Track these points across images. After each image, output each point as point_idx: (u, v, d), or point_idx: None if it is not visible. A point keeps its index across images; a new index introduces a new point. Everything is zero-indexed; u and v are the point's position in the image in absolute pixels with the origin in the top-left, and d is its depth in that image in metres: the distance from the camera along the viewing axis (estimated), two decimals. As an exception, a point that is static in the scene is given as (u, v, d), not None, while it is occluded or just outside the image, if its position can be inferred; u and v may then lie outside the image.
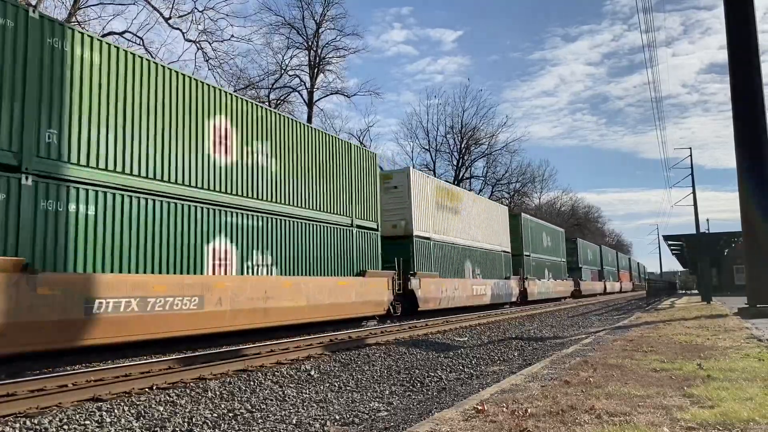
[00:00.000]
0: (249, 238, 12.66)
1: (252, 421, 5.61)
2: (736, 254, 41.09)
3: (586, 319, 20.19)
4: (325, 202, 15.58)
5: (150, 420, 5.53)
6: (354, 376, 8.07)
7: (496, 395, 5.20)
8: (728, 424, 3.86)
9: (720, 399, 4.64)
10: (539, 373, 6.50)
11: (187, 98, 11.45)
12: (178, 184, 11.02)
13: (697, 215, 39.43)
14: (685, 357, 7.36)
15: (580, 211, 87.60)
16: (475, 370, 8.81)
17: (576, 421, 4.07)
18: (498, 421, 4.13)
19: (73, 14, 25.78)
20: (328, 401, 6.50)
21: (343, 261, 16.04)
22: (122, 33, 28.41)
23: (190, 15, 30.40)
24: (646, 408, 4.42)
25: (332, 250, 15.63)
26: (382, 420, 5.64)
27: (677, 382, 5.52)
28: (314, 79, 40.49)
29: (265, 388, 7.09)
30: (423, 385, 7.58)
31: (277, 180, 13.73)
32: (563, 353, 8.49)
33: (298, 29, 39.58)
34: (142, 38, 29.02)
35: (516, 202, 59.79)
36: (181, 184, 11.10)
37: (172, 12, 29.71)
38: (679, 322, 14.05)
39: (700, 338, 9.73)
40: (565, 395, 5.01)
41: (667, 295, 48.16)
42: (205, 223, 11.55)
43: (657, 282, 48.40)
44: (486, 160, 56.69)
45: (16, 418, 5.46)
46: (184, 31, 30.78)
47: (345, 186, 16.61)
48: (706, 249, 30.01)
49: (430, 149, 54.76)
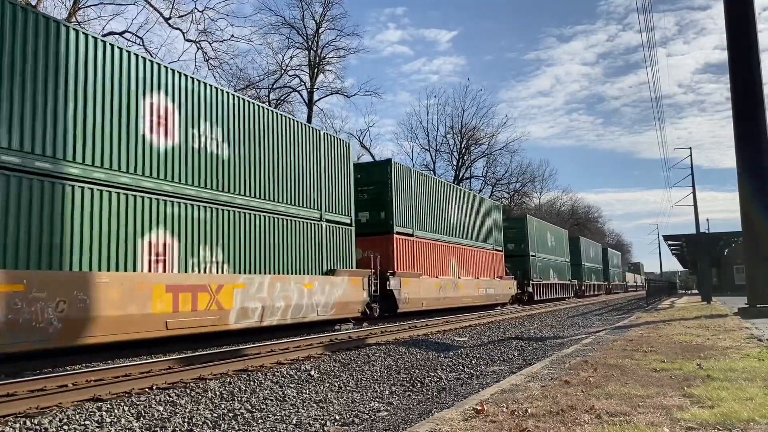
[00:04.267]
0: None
1: (252, 421, 5.61)
2: (736, 254, 41.05)
3: (586, 319, 20.19)
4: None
5: (150, 420, 5.53)
6: (354, 376, 8.07)
7: (496, 395, 5.20)
8: (728, 424, 3.86)
9: (720, 399, 4.64)
10: (539, 373, 6.50)
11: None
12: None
13: (697, 215, 39.36)
14: (685, 357, 7.36)
15: (580, 211, 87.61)
16: (475, 370, 8.81)
17: (576, 421, 4.07)
18: (498, 421, 4.13)
19: (73, 14, 25.77)
20: (328, 401, 6.50)
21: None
22: (122, 33, 28.41)
23: (190, 15, 30.39)
24: (646, 408, 4.41)
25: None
26: (382, 420, 5.64)
27: (677, 382, 5.52)
28: (314, 79, 40.52)
29: (265, 388, 7.09)
30: (423, 385, 7.58)
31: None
32: (563, 353, 8.49)
33: (298, 29, 39.61)
34: (141, 38, 29.03)
35: (516, 202, 59.79)
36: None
37: (172, 12, 29.72)
38: (679, 322, 14.05)
39: (700, 338, 9.73)
40: (565, 395, 5.01)
41: (667, 295, 48.15)
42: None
43: (657, 282, 48.40)
44: (486, 160, 56.72)
45: (16, 418, 5.46)
46: (184, 31, 30.80)
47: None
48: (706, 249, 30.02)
49: (430, 149, 54.79)
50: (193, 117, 11.61)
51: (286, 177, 14.13)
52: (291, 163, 14.39)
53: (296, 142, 14.69)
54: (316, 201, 15.22)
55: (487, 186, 56.89)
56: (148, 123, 10.61)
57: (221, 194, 12.05)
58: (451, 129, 55.23)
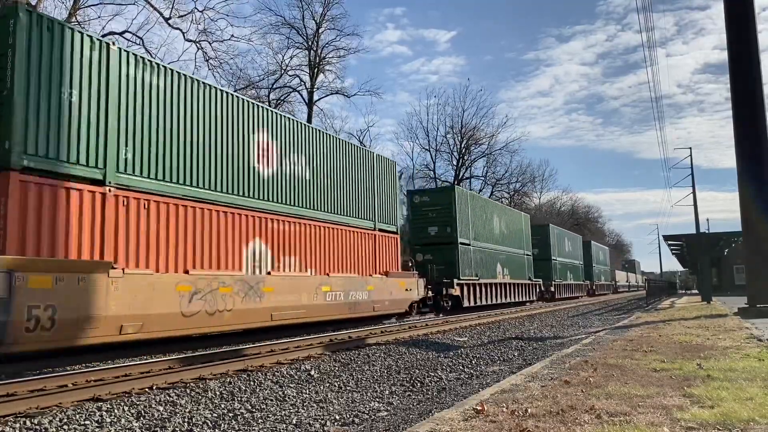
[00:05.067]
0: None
1: (252, 421, 5.61)
2: (736, 254, 41.09)
3: (586, 319, 20.19)
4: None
5: (150, 420, 5.53)
6: (354, 376, 8.07)
7: (496, 395, 5.20)
8: (728, 424, 3.86)
9: (720, 399, 4.64)
10: (539, 372, 6.51)
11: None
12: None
13: (697, 215, 39.27)
14: (685, 357, 7.36)
15: (580, 211, 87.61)
16: (475, 370, 8.81)
17: (576, 421, 4.07)
18: (498, 421, 4.13)
19: (73, 14, 25.76)
20: (328, 401, 6.50)
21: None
22: (122, 33, 28.38)
23: (189, 15, 30.39)
24: (646, 408, 4.41)
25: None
26: (382, 420, 5.64)
27: (677, 382, 5.52)
28: (314, 79, 40.51)
29: (265, 388, 7.09)
30: (423, 385, 7.58)
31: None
32: (563, 353, 8.49)
33: (298, 29, 39.60)
34: (141, 38, 29.01)
35: (516, 202, 59.76)
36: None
37: (172, 12, 29.71)
38: (679, 322, 14.06)
39: (700, 338, 9.73)
40: (565, 395, 5.01)
41: (667, 294, 48.16)
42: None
43: (657, 282, 48.43)
44: (486, 160, 56.74)
45: (16, 418, 5.46)
46: (184, 31, 30.79)
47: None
48: (706, 249, 30.02)
49: (430, 149, 54.80)
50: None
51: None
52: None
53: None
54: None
55: (487, 186, 56.95)
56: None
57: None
58: (451, 129, 55.29)
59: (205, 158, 11.57)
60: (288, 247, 13.68)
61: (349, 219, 16.45)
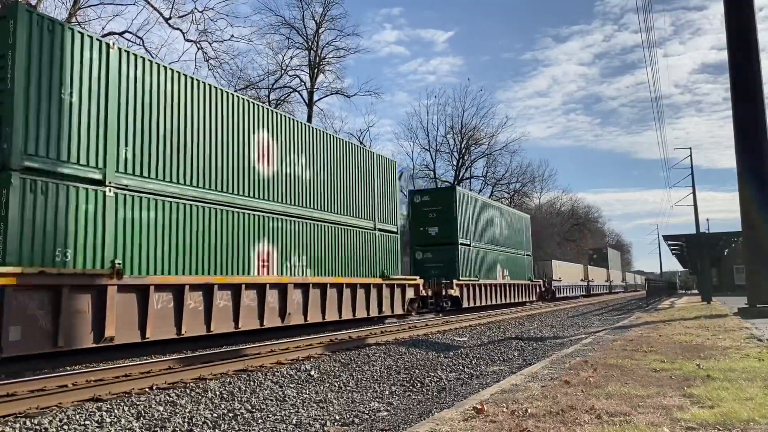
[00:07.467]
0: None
1: (252, 421, 5.61)
2: (736, 254, 41.07)
3: (586, 319, 20.19)
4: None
5: (150, 420, 5.53)
6: (354, 376, 8.07)
7: (496, 395, 5.20)
8: (728, 424, 3.86)
9: (720, 399, 4.64)
10: (539, 373, 6.50)
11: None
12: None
13: (697, 215, 39.43)
14: (685, 357, 7.36)
15: (579, 211, 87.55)
16: (475, 370, 8.81)
17: (576, 421, 4.07)
18: (498, 421, 4.13)
19: (73, 14, 25.76)
20: (328, 401, 6.50)
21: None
22: (122, 33, 28.37)
23: (189, 15, 30.39)
24: (646, 408, 4.42)
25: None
26: (382, 420, 5.64)
27: (677, 382, 5.52)
28: (314, 79, 40.51)
29: (265, 388, 7.09)
30: (423, 385, 7.58)
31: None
32: (563, 353, 8.49)
33: (298, 29, 39.61)
34: (141, 38, 29.01)
35: (516, 202, 59.76)
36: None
37: (172, 12, 29.71)
38: (679, 322, 14.05)
39: (700, 338, 9.73)
40: (565, 395, 5.01)
41: (667, 295, 48.15)
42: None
43: (657, 282, 48.42)
44: (486, 160, 56.75)
45: (16, 418, 5.46)
46: (184, 31, 30.79)
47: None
48: (706, 249, 29.94)
49: (430, 149, 54.81)
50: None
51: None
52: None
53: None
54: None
55: (487, 186, 56.95)
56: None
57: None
58: (451, 129, 55.32)
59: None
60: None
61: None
